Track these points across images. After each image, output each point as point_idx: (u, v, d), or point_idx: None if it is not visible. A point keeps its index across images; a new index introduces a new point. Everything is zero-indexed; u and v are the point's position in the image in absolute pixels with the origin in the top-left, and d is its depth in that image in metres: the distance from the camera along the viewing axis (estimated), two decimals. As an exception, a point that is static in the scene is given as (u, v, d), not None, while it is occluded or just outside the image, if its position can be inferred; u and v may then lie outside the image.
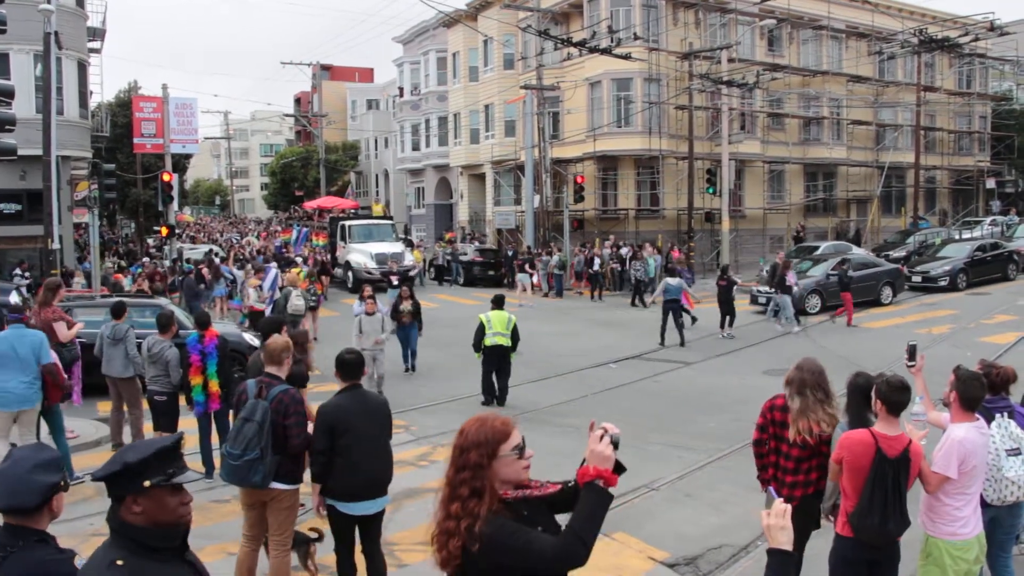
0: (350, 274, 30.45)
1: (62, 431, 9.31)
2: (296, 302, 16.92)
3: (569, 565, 2.73)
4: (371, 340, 13.14)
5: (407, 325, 15.34)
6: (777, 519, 2.78)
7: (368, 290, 14.58)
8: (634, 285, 25.94)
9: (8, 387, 8.39)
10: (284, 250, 34.99)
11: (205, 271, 22.84)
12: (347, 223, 33.46)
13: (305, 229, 37.73)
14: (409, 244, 37.27)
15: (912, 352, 5.77)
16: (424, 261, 34.95)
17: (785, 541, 2.77)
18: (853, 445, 4.73)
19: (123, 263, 29.56)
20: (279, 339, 6.31)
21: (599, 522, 2.75)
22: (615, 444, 2.80)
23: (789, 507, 2.81)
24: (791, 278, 19.83)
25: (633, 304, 25.30)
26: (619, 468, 2.86)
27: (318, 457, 5.84)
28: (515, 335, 12.96)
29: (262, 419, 5.77)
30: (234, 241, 48.31)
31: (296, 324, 17.22)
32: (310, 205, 45.09)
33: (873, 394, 4.86)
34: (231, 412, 6.14)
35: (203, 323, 9.46)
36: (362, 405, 6.00)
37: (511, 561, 2.75)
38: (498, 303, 13.21)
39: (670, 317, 18.11)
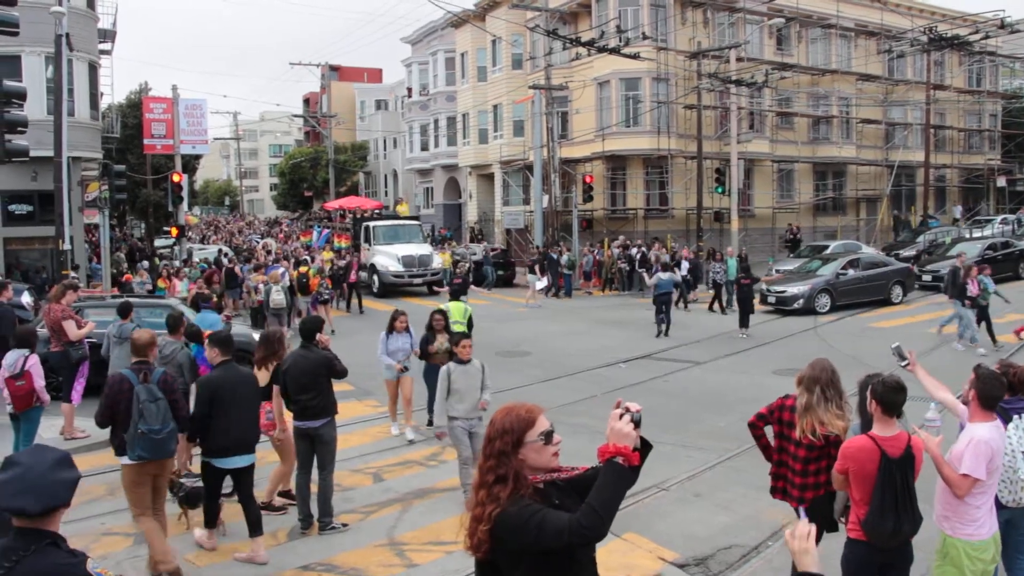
0: (376, 278, 29.07)
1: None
2: (276, 297, 18.38)
3: (587, 539, 2.77)
4: (469, 404, 8.29)
5: (439, 367, 10.23)
6: (800, 542, 2.78)
7: (404, 320, 11.29)
8: (715, 288, 23.40)
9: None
10: (307, 252, 34.67)
11: (238, 270, 23.28)
12: (371, 224, 32.07)
13: (327, 231, 37.12)
14: (441, 242, 36.40)
15: (900, 353, 5.76)
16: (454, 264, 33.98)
17: (810, 563, 2.77)
18: (856, 453, 4.71)
19: (176, 264, 28.97)
20: (144, 334, 7.12)
21: (618, 498, 2.78)
22: (636, 423, 2.84)
23: (813, 528, 2.81)
24: (973, 287, 16.46)
25: (711, 309, 23.06)
26: (645, 446, 2.91)
27: (200, 421, 6.90)
28: (471, 324, 13.79)
29: (164, 396, 6.68)
30: (255, 242, 48.20)
31: (279, 317, 18.43)
32: (331, 205, 44.30)
33: (868, 395, 4.84)
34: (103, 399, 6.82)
35: (196, 335, 9.42)
36: (236, 376, 7.12)
37: (531, 539, 2.80)
38: (455, 295, 14.33)
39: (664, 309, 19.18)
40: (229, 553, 7.25)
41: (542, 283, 26.62)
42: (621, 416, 2.84)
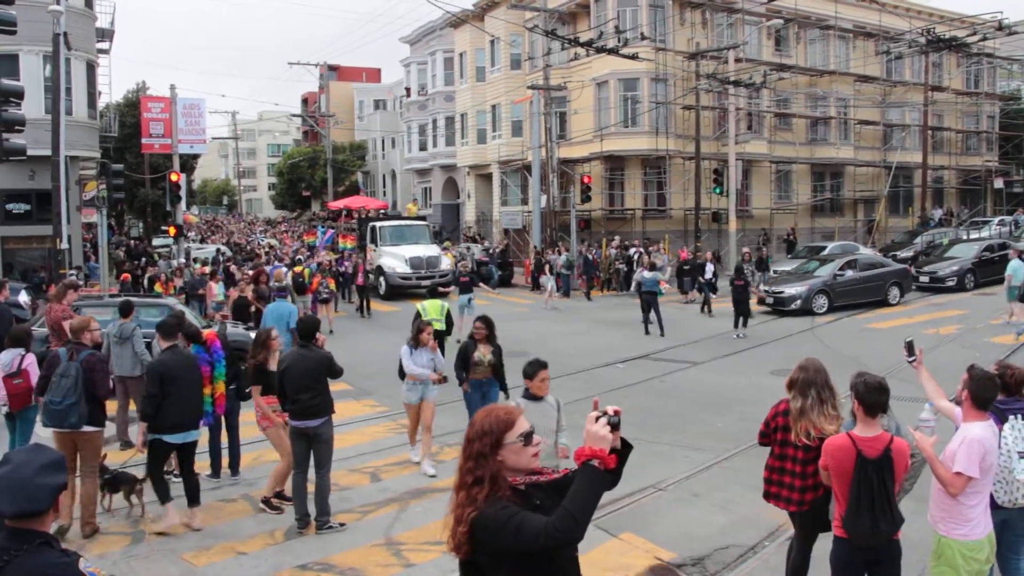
0: (382, 280, 28.37)
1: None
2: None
3: (562, 542, 2.77)
4: (543, 450, 4.49)
5: (483, 383, 9.65)
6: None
7: (431, 330, 9.76)
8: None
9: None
10: (311, 252, 34.15)
11: (233, 269, 23.34)
12: (378, 224, 31.34)
13: (332, 231, 36.45)
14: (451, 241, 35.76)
15: (910, 347, 5.76)
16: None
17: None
18: (835, 451, 4.76)
19: (175, 263, 28.47)
20: (76, 320, 8.13)
21: (594, 501, 2.78)
22: (613, 425, 2.84)
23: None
24: None
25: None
26: (626, 447, 2.92)
27: (151, 400, 7.53)
28: (448, 320, 14.40)
29: (76, 374, 7.49)
30: (260, 242, 47.96)
31: None
32: (336, 205, 43.54)
33: (851, 394, 4.87)
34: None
35: (195, 336, 9.40)
36: (181, 360, 7.85)
37: (508, 542, 2.80)
38: (433, 293, 14.92)
39: (651, 308, 19.44)
40: (228, 552, 7.27)
41: (550, 283, 26.00)
42: (597, 419, 2.84)
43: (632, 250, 29.45)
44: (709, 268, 24.07)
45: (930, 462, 4.82)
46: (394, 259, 28.50)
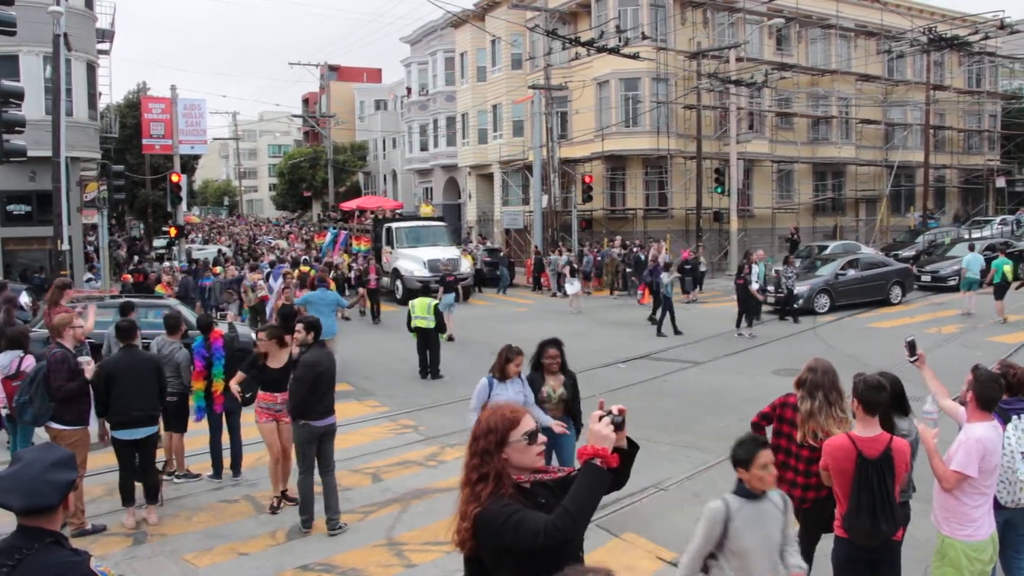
0: (399, 283, 27.52)
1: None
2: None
3: (561, 541, 2.77)
4: (763, 572, 4.15)
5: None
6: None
7: (520, 361, 7.74)
8: (786, 296, 21.14)
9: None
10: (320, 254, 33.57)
11: (233, 269, 23.40)
12: (394, 226, 30.04)
13: (345, 232, 35.87)
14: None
15: (912, 347, 5.75)
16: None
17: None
18: (834, 451, 4.75)
19: (176, 264, 28.11)
20: (60, 317, 8.17)
21: (594, 500, 2.79)
22: (617, 425, 2.85)
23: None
24: None
25: (795, 320, 20.85)
26: (632, 447, 2.95)
27: (100, 398, 7.76)
28: (437, 317, 15.02)
29: (33, 374, 7.67)
30: (268, 243, 47.79)
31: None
32: (348, 206, 42.82)
33: (851, 393, 4.87)
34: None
35: (207, 326, 9.43)
36: (133, 359, 7.91)
37: (508, 539, 2.82)
38: (424, 291, 15.88)
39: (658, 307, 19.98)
40: (230, 553, 7.26)
41: (574, 287, 24.49)
42: (601, 418, 2.84)
43: (636, 250, 29.33)
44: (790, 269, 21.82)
45: (929, 454, 4.82)
46: (411, 262, 27.52)
